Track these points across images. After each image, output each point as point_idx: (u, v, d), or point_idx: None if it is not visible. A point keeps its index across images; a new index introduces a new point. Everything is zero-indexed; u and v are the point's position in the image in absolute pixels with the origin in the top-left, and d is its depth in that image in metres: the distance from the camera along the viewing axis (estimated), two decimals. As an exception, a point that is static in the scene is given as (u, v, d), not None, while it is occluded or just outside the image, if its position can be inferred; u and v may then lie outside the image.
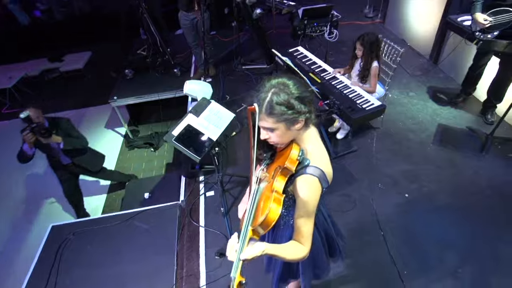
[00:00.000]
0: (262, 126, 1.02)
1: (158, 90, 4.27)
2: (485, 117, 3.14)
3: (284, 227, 1.34)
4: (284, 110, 0.96)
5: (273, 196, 0.95)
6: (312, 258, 1.41)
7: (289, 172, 1.02)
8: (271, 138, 1.05)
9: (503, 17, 2.52)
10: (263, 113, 0.98)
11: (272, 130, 1.02)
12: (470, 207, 2.45)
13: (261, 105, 0.98)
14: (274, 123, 0.99)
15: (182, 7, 3.69)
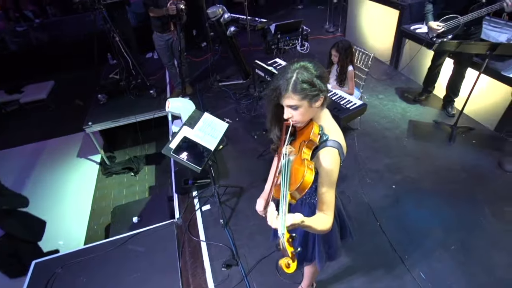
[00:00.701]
0: (287, 105, 1.10)
1: (135, 112, 4.18)
2: (446, 110, 3.51)
3: (302, 205, 1.41)
4: (308, 87, 1.06)
5: (305, 163, 1.03)
6: (326, 239, 1.48)
7: (313, 144, 1.11)
8: (294, 116, 1.12)
9: (453, 22, 2.90)
10: (289, 91, 1.06)
11: (296, 108, 1.10)
12: (451, 189, 2.69)
13: (288, 83, 1.06)
14: (299, 100, 1.07)
15: (157, 28, 3.73)
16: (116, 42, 4.11)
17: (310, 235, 1.49)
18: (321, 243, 1.48)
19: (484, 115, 3.28)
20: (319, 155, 1.12)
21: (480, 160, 2.93)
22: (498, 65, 3.05)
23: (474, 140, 3.14)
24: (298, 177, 1.01)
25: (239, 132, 3.65)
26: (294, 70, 1.08)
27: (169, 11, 3.28)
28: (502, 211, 2.46)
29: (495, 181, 2.71)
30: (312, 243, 1.52)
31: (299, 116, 1.12)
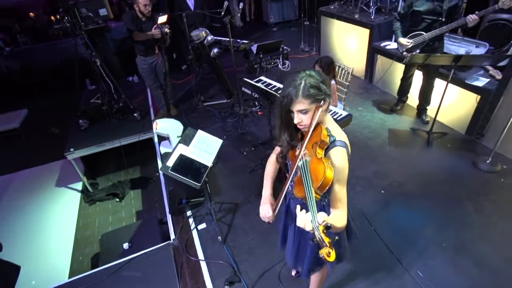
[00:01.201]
0: (297, 110, 1.18)
1: (119, 136, 4.11)
2: (421, 118, 3.77)
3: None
4: (316, 91, 1.16)
5: (323, 161, 1.10)
6: (338, 246, 1.53)
7: (325, 144, 1.19)
8: (303, 121, 1.20)
9: (419, 38, 3.20)
10: (300, 96, 1.15)
11: (306, 112, 1.19)
12: (434, 190, 2.86)
13: (298, 90, 1.15)
14: (309, 104, 1.17)
15: (141, 52, 3.77)
16: (97, 67, 4.10)
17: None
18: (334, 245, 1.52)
19: (455, 120, 3.56)
20: (330, 154, 1.20)
21: (456, 161, 3.15)
22: (462, 75, 3.37)
23: (449, 144, 3.39)
24: (319, 175, 1.08)
25: (228, 150, 3.69)
26: (302, 77, 1.17)
27: (154, 35, 3.35)
28: (482, 206, 2.64)
29: (472, 180, 2.92)
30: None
31: (308, 120, 1.20)
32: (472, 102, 3.28)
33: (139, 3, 3.37)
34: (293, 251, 1.63)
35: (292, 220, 1.57)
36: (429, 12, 3.09)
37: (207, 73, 5.58)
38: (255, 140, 3.76)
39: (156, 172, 4.57)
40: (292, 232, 1.60)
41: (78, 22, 3.64)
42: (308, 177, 1.08)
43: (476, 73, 3.37)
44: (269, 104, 2.80)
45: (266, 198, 1.50)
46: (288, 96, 1.17)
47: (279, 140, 1.38)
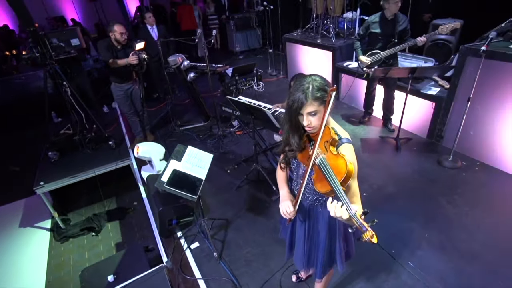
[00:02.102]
0: (307, 112, 1.27)
1: (93, 165, 3.94)
2: (387, 127, 4.13)
3: (322, 208, 1.53)
4: (323, 93, 1.25)
5: (341, 155, 1.21)
6: (346, 236, 1.61)
7: (336, 142, 1.29)
8: (312, 123, 1.29)
9: (376, 56, 3.60)
10: (310, 98, 1.24)
11: (315, 114, 1.27)
12: (410, 189, 3.11)
13: (307, 93, 1.24)
14: (318, 106, 1.25)
15: (116, 79, 3.76)
16: (68, 97, 3.98)
17: (333, 240, 1.59)
18: (342, 241, 1.58)
19: (417, 127, 3.96)
20: (341, 151, 1.29)
21: (423, 162, 3.47)
22: (417, 86, 3.81)
23: (415, 147, 3.74)
24: (340, 169, 1.17)
25: (211, 169, 3.66)
26: (308, 82, 1.26)
27: (131, 61, 3.39)
28: (453, 199, 2.91)
29: (440, 177, 3.22)
30: (334, 247, 1.60)
31: (316, 121, 1.28)
32: (429, 109, 3.70)
33: (115, 32, 3.42)
34: (305, 253, 1.65)
35: (303, 221, 1.62)
36: (384, 33, 3.53)
37: (182, 99, 5.66)
38: (238, 158, 3.82)
39: (134, 201, 4.39)
40: (302, 233, 1.63)
41: (49, 52, 3.59)
42: (331, 172, 1.16)
43: (428, 84, 3.84)
44: (252, 119, 2.92)
45: (285, 196, 1.56)
46: (299, 101, 1.24)
47: (287, 144, 1.44)
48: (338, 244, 1.58)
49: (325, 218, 1.54)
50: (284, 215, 1.50)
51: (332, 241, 1.58)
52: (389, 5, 3.35)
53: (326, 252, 1.60)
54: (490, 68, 2.95)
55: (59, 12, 9.27)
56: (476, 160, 3.37)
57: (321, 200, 1.52)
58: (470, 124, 3.29)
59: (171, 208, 2.67)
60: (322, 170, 1.20)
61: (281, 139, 1.56)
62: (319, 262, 1.62)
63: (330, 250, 1.61)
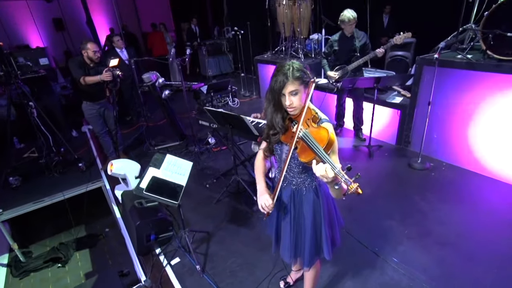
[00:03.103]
0: (289, 91, 1.33)
1: (60, 190, 3.68)
2: (359, 137, 4.33)
3: (307, 191, 1.55)
4: (302, 74, 1.33)
5: (322, 127, 1.28)
6: (331, 220, 1.63)
7: (317, 119, 1.36)
8: (293, 103, 1.35)
9: (343, 70, 3.86)
10: (291, 78, 1.31)
11: (296, 93, 1.33)
12: (385, 190, 3.22)
13: (288, 73, 1.31)
14: (299, 85, 1.32)
15: (88, 97, 3.66)
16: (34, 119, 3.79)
17: (318, 224, 1.60)
18: (327, 226, 1.59)
19: (386, 134, 4.19)
20: (321, 126, 1.36)
21: (395, 166, 3.64)
22: (382, 97, 4.09)
23: (386, 153, 3.93)
24: (323, 137, 1.24)
25: (189, 185, 3.54)
26: (289, 64, 1.35)
27: (105, 77, 3.34)
28: (426, 196, 3.05)
29: (411, 178, 3.39)
30: (320, 233, 1.61)
31: (298, 101, 1.35)
32: (395, 116, 3.96)
33: (88, 49, 3.39)
34: (291, 243, 1.64)
35: (288, 207, 1.62)
36: (347, 49, 3.82)
37: (156, 121, 5.59)
38: (216, 173, 3.77)
39: (106, 228, 4.11)
40: (288, 220, 1.63)
41: (14, 71, 3.45)
42: (314, 141, 1.23)
43: (392, 94, 4.14)
44: (230, 129, 2.94)
45: (262, 190, 1.56)
46: (281, 82, 1.32)
47: (271, 128, 1.48)
48: (324, 229, 1.59)
49: (309, 202, 1.56)
50: (263, 209, 1.51)
51: (317, 226, 1.59)
52: (345, 26, 3.68)
53: (313, 238, 1.59)
54: (443, 75, 3.27)
55: (23, 41, 9.02)
56: (442, 161, 3.60)
57: (305, 183, 1.54)
58: (433, 128, 3.55)
59: (149, 222, 2.54)
60: (305, 141, 1.26)
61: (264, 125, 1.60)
62: (306, 249, 1.61)
63: (316, 236, 1.61)
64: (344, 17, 3.59)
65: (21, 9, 9.53)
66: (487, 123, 3.14)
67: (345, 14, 3.59)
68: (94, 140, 4.87)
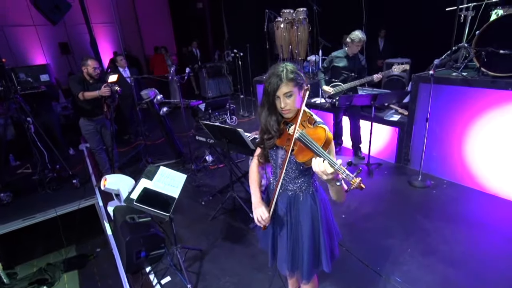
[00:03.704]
0: (283, 93, 1.30)
1: (52, 206, 3.59)
2: (357, 155, 4.28)
3: (304, 196, 1.49)
4: (296, 76, 1.31)
5: (318, 127, 1.25)
6: (329, 229, 1.56)
7: (313, 120, 1.33)
8: (287, 105, 1.32)
9: (338, 88, 3.89)
10: (284, 79, 1.29)
11: (291, 95, 1.31)
12: (386, 207, 3.13)
13: (282, 75, 1.29)
14: (293, 86, 1.30)
15: (86, 113, 3.66)
16: (31, 134, 3.79)
17: (317, 233, 1.52)
18: (326, 235, 1.51)
19: (385, 153, 4.15)
20: (317, 125, 1.33)
21: (395, 184, 3.57)
22: (380, 115, 4.10)
23: (386, 172, 3.86)
24: (320, 136, 1.21)
25: (185, 202, 3.52)
26: (282, 67, 1.33)
27: (103, 93, 3.36)
28: (428, 214, 2.95)
29: (412, 195, 3.30)
30: (318, 242, 1.53)
31: (292, 103, 1.32)
32: (393, 134, 3.94)
33: (88, 66, 3.44)
34: (289, 252, 1.55)
35: (284, 216, 1.55)
36: (345, 68, 3.88)
37: (154, 139, 5.57)
38: (212, 191, 3.69)
39: (97, 248, 3.96)
40: (285, 230, 1.55)
41: (14, 86, 3.49)
42: (311, 140, 1.19)
43: (389, 112, 4.15)
44: (226, 143, 2.91)
45: (257, 202, 1.52)
46: (274, 84, 1.30)
47: (265, 132, 1.44)
48: (322, 237, 1.51)
49: (307, 208, 1.50)
50: (259, 223, 1.47)
51: (315, 234, 1.51)
52: (352, 45, 3.72)
53: (311, 247, 1.51)
54: (439, 92, 3.29)
55: (29, 63, 9.25)
56: (443, 179, 3.53)
57: (302, 188, 1.49)
58: (432, 145, 3.51)
59: (140, 237, 2.43)
60: (303, 141, 1.22)
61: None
62: (304, 260, 1.52)
63: (315, 244, 1.52)
64: (355, 37, 3.60)
65: (29, 34, 9.88)
66: (486, 139, 3.11)
67: (357, 34, 3.59)
68: (91, 157, 4.82)
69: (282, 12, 5.37)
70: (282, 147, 1.44)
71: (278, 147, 1.47)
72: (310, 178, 1.50)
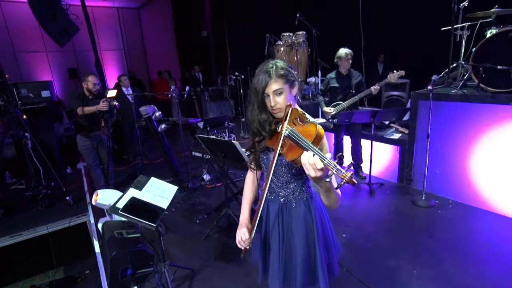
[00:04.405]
0: (273, 90, 1.24)
1: (44, 223, 3.46)
2: (358, 175, 4.17)
3: (297, 203, 1.39)
4: (287, 72, 1.25)
5: (309, 123, 1.18)
6: (326, 242, 1.44)
7: (304, 118, 1.24)
8: (278, 104, 1.26)
9: (339, 107, 3.88)
10: (274, 76, 1.23)
11: (281, 93, 1.24)
12: (389, 227, 2.98)
13: (271, 72, 1.24)
14: (283, 83, 1.24)
15: (83, 129, 3.65)
16: (28, 149, 3.76)
17: (312, 243, 1.40)
18: (322, 247, 1.40)
19: (387, 173, 4.04)
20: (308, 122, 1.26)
21: (398, 203, 3.42)
22: (380, 133, 4.04)
23: (388, 191, 3.72)
24: (310, 132, 1.14)
25: (177, 220, 3.39)
26: (272, 63, 1.28)
27: (101, 107, 3.37)
28: (434, 234, 2.79)
29: (416, 215, 3.15)
30: (314, 254, 1.41)
31: (283, 101, 1.25)
32: (395, 153, 3.85)
33: (88, 81, 3.49)
34: (281, 268, 1.42)
35: (273, 232, 1.45)
36: (341, 87, 3.89)
37: (153, 159, 5.53)
38: (208, 209, 3.56)
39: (87, 270, 3.77)
40: (277, 244, 1.43)
41: (15, 101, 3.52)
42: (301, 136, 1.11)
43: (390, 131, 4.09)
44: (222, 157, 2.85)
45: (243, 221, 1.47)
46: (263, 81, 1.24)
47: (256, 134, 1.38)
48: (318, 250, 1.38)
49: (300, 216, 1.39)
50: (239, 244, 1.41)
51: (310, 246, 1.39)
52: (342, 62, 3.79)
53: (305, 260, 1.38)
54: (439, 108, 3.25)
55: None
56: (448, 199, 3.38)
57: (295, 194, 1.40)
58: (434, 163, 3.41)
59: (127, 253, 2.30)
60: (292, 138, 1.15)
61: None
62: (298, 276, 1.37)
63: (310, 258, 1.39)
64: (341, 53, 3.72)
65: (40, 59, 10.32)
66: (490, 156, 3.01)
67: (342, 51, 3.73)
68: (88, 176, 4.76)
69: (282, 35, 5.53)
70: (273, 148, 1.37)
71: (270, 150, 1.40)
72: (304, 183, 1.41)
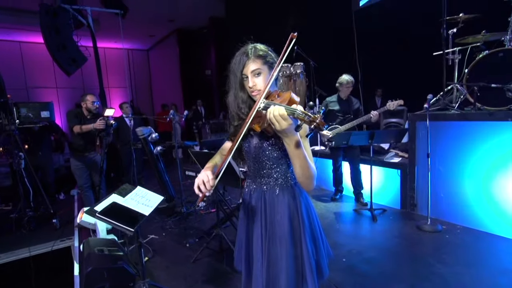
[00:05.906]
0: (251, 70, 1.20)
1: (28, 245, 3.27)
2: (359, 202, 3.98)
3: (280, 189, 1.30)
4: (266, 53, 1.22)
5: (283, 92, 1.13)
6: (313, 235, 1.33)
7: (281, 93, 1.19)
8: (257, 85, 1.21)
9: (336, 130, 3.85)
10: (252, 55, 1.20)
11: (259, 73, 1.20)
12: (394, 252, 2.75)
13: (249, 52, 1.21)
14: (262, 64, 1.20)
15: (78, 148, 3.62)
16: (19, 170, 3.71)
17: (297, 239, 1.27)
18: (309, 241, 1.27)
19: (389, 199, 3.86)
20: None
21: (402, 228, 3.21)
22: (380, 158, 3.94)
23: (391, 217, 3.52)
24: (285, 98, 1.08)
25: (166, 244, 3.18)
26: (252, 45, 1.25)
27: (98, 125, 3.37)
28: (442, 258, 2.55)
29: (423, 239, 2.92)
30: (300, 248, 1.27)
31: (262, 83, 1.21)
32: (395, 176, 3.71)
33: (87, 101, 3.54)
34: (264, 257, 1.27)
35: (255, 225, 1.33)
36: (340, 111, 3.91)
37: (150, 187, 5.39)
38: (199, 233, 3.36)
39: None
40: (259, 236, 1.30)
41: (13, 119, 3.56)
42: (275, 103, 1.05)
43: (389, 155, 3.99)
44: (215, 173, 2.75)
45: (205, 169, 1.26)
46: (241, 61, 1.21)
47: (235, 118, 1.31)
48: (305, 244, 1.24)
49: (284, 204, 1.28)
50: (200, 186, 1.15)
51: (296, 239, 1.26)
52: (342, 88, 3.85)
53: (290, 255, 1.23)
54: (438, 129, 3.20)
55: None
56: (456, 224, 3.16)
57: (278, 181, 1.30)
58: (438, 186, 3.26)
59: (104, 270, 2.10)
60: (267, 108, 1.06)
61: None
62: (283, 274, 1.21)
63: (296, 253, 1.25)
64: (343, 80, 3.80)
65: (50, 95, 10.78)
66: (497, 177, 2.87)
67: (344, 77, 3.81)
68: (80, 202, 4.62)
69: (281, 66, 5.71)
70: (253, 133, 1.30)
71: (252, 136, 1.33)
72: (288, 168, 1.31)
